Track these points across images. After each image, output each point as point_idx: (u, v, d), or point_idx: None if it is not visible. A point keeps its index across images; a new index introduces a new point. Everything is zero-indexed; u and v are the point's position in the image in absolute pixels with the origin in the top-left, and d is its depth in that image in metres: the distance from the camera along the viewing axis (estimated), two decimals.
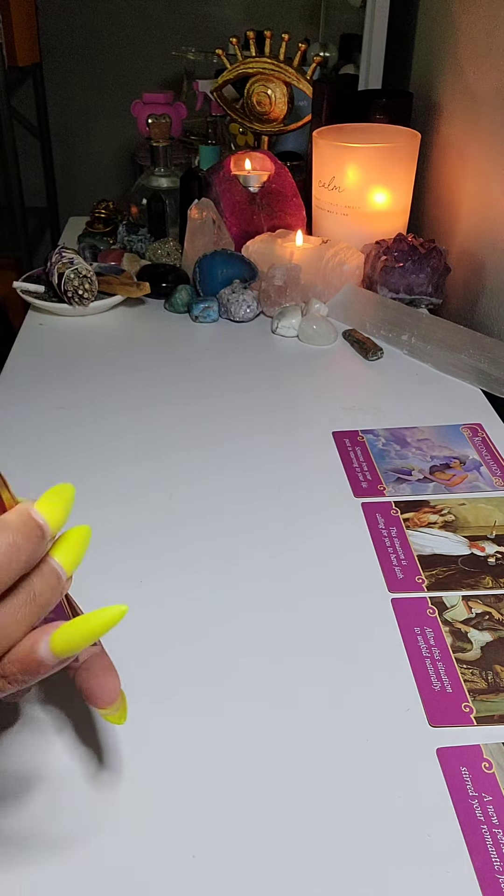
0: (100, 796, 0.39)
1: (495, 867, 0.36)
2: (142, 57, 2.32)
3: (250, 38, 1.16)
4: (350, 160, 0.95)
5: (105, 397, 0.75)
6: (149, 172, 1.13)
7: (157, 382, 0.78)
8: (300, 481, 0.63)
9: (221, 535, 0.57)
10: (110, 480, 0.63)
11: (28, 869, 0.36)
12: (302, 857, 0.36)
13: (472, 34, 0.98)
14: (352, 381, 0.79)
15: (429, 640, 0.48)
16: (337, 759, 0.41)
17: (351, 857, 0.36)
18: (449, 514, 0.59)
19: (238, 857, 0.36)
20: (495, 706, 0.43)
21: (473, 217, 0.97)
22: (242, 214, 1.02)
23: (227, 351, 0.85)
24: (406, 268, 0.89)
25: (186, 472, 0.64)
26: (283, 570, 0.54)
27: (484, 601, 0.51)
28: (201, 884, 0.35)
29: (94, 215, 1.12)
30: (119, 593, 0.51)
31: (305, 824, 0.38)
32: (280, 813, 0.38)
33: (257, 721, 0.43)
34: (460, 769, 0.40)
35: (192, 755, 0.41)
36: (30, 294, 0.92)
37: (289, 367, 0.82)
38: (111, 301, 0.92)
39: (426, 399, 0.75)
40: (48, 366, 0.81)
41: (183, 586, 0.52)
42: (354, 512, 0.59)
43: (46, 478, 0.62)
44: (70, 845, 0.37)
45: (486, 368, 0.76)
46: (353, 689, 0.45)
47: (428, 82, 1.15)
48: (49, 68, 2.32)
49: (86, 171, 2.54)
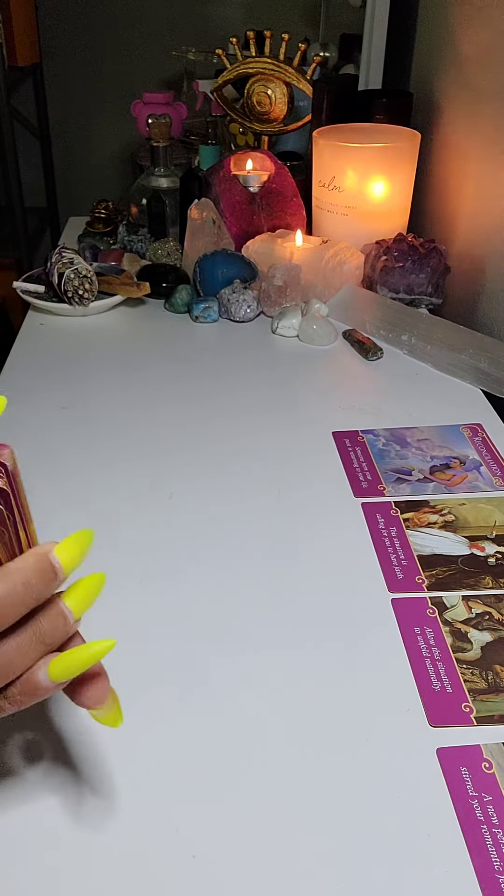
0: (99, 796, 0.39)
1: (495, 867, 0.36)
2: (142, 57, 2.32)
3: (250, 38, 1.16)
4: (350, 160, 0.95)
5: (105, 397, 0.75)
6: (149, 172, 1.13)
7: (157, 382, 0.78)
8: (300, 481, 0.63)
9: (221, 535, 0.57)
10: (110, 480, 0.63)
11: (28, 869, 0.36)
12: (302, 856, 0.36)
13: (472, 34, 0.98)
14: (352, 381, 0.79)
15: (429, 640, 0.48)
16: (337, 759, 0.41)
17: (351, 856, 0.36)
18: (449, 514, 0.59)
19: (238, 857, 0.36)
20: (495, 706, 0.43)
21: (473, 217, 0.97)
22: (242, 214, 1.02)
23: (227, 351, 0.85)
24: (406, 268, 0.89)
25: (186, 472, 0.64)
26: (283, 570, 0.54)
27: (484, 601, 0.51)
28: (201, 884, 0.35)
29: (94, 215, 1.12)
30: (119, 593, 0.51)
31: (305, 824, 0.38)
32: (280, 813, 0.38)
33: (257, 721, 0.43)
34: (460, 769, 0.40)
35: (191, 755, 0.41)
36: (30, 294, 0.92)
37: (289, 367, 0.82)
38: (111, 301, 0.92)
39: (426, 399, 0.75)
40: (48, 366, 0.81)
41: (182, 586, 0.52)
42: (354, 512, 0.59)
43: (46, 478, 0.62)
44: (70, 845, 0.37)
45: (486, 368, 0.76)
46: (353, 690, 0.45)
47: (428, 82, 1.15)
48: (49, 68, 2.32)
49: (86, 171, 2.54)
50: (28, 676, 0.30)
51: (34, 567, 0.28)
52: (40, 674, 0.30)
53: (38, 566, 0.29)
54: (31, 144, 2.37)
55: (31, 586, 0.28)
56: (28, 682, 0.30)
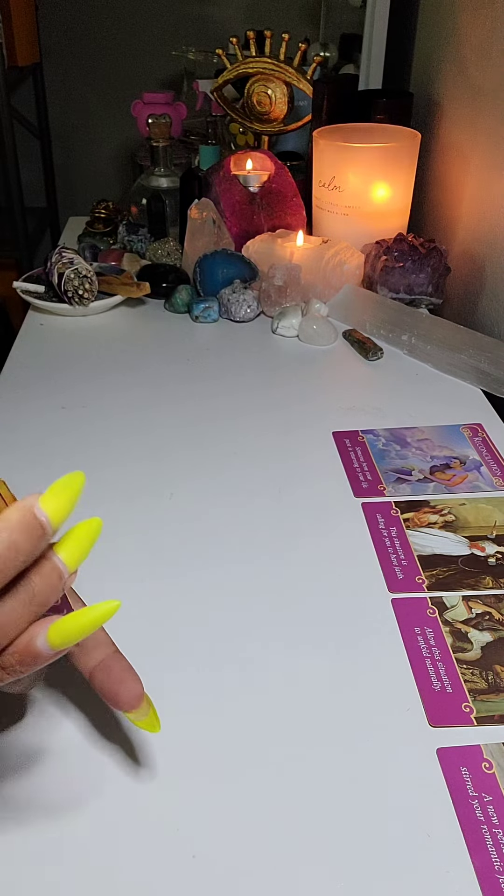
0: (99, 796, 0.39)
1: (495, 867, 0.36)
2: (142, 57, 2.32)
3: (250, 38, 1.16)
4: (350, 160, 0.95)
5: (105, 397, 0.75)
6: (149, 172, 1.13)
7: (157, 382, 0.78)
8: (300, 481, 0.63)
9: (221, 535, 0.57)
10: (110, 480, 0.63)
11: (28, 869, 0.36)
12: (302, 857, 0.36)
13: (472, 34, 0.98)
14: (352, 381, 0.79)
15: (429, 641, 0.48)
16: (337, 759, 0.41)
17: (351, 857, 0.36)
18: (449, 514, 0.59)
19: (238, 857, 0.36)
20: (495, 706, 0.43)
21: (473, 217, 0.97)
22: (242, 214, 1.02)
23: (227, 351, 0.85)
24: (406, 268, 0.89)
25: (186, 472, 0.64)
26: (283, 571, 0.54)
27: (484, 601, 0.51)
28: (201, 884, 0.35)
29: (94, 215, 1.12)
30: (119, 593, 0.51)
31: (305, 824, 0.38)
32: (280, 812, 0.38)
33: (257, 721, 0.43)
34: (460, 769, 0.40)
35: (191, 755, 0.41)
36: (30, 294, 0.92)
37: (289, 367, 0.82)
38: (111, 301, 0.92)
39: (426, 399, 0.75)
40: (48, 366, 0.81)
41: (182, 586, 0.52)
42: (354, 512, 0.59)
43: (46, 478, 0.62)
44: (70, 845, 0.37)
45: (486, 368, 0.76)
46: (353, 690, 0.45)
47: (428, 82, 1.15)
48: (49, 68, 2.32)
49: (86, 171, 2.54)
50: (27, 643, 0.27)
51: (19, 524, 0.25)
52: (39, 640, 0.27)
53: (24, 522, 0.25)
54: (31, 144, 2.37)
55: (17, 547, 0.25)
56: (27, 650, 0.27)
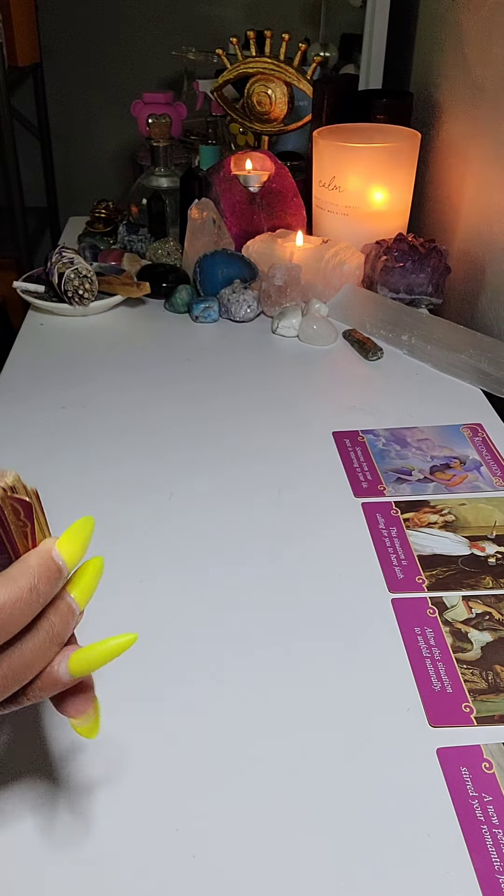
0: (99, 796, 0.39)
1: (495, 867, 0.36)
2: (142, 57, 2.32)
3: (250, 38, 1.16)
4: (350, 160, 0.95)
5: (105, 397, 0.75)
6: (149, 172, 1.13)
7: (157, 382, 0.78)
8: (300, 481, 0.63)
9: (221, 535, 0.57)
10: (110, 480, 0.63)
11: (28, 869, 0.36)
12: (302, 857, 0.36)
13: (472, 34, 0.98)
14: (352, 381, 0.79)
15: (429, 641, 0.48)
16: (337, 759, 0.41)
17: (351, 856, 0.36)
18: (449, 514, 0.59)
19: (238, 857, 0.36)
20: (495, 706, 0.43)
21: (473, 217, 0.97)
22: (242, 214, 1.02)
23: (227, 351, 0.85)
24: (406, 268, 0.89)
25: (186, 472, 0.64)
26: (283, 570, 0.54)
27: (484, 601, 0.51)
28: (201, 884, 0.35)
29: (94, 215, 1.12)
30: (119, 592, 0.51)
31: (305, 824, 0.38)
32: (280, 812, 0.38)
33: (257, 721, 0.43)
34: (460, 769, 0.40)
35: (191, 755, 0.41)
36: (30, 294, 0.92)
37: (289, 367, 0.82)
38: (111, 301, 0.92)
39: (426, 399, 0.75)
40: (48, 366, 0.81)
41: (182, 586, 0.52)
42: (354, 512, 0.59)
43: (46, 478, 0.62)
44: (70, 845, 0.37)
45: (486, 368, 0.76)
46: (353, 690, 0.45)
47: (428, 82, 1.15)
48: (49, 68, 2.32)
49: (86, 171, 2.54)
50: (48, 672, 0.29)
51: (38, 569, 0.28)
52: (61, 669, 0.29)
53: (43, 566, 0.28)
54: (31, 144, 2.37)
55: (37, 590, 0.27)
56: (48, 678, 0.29)
